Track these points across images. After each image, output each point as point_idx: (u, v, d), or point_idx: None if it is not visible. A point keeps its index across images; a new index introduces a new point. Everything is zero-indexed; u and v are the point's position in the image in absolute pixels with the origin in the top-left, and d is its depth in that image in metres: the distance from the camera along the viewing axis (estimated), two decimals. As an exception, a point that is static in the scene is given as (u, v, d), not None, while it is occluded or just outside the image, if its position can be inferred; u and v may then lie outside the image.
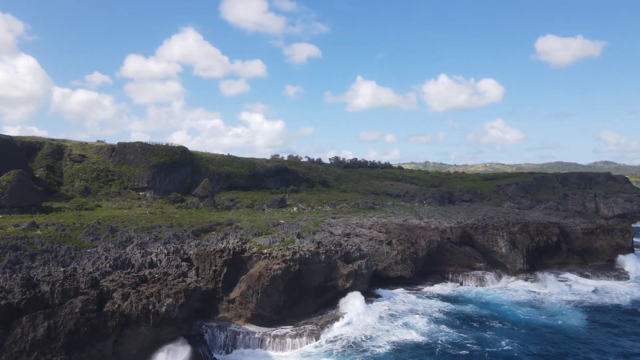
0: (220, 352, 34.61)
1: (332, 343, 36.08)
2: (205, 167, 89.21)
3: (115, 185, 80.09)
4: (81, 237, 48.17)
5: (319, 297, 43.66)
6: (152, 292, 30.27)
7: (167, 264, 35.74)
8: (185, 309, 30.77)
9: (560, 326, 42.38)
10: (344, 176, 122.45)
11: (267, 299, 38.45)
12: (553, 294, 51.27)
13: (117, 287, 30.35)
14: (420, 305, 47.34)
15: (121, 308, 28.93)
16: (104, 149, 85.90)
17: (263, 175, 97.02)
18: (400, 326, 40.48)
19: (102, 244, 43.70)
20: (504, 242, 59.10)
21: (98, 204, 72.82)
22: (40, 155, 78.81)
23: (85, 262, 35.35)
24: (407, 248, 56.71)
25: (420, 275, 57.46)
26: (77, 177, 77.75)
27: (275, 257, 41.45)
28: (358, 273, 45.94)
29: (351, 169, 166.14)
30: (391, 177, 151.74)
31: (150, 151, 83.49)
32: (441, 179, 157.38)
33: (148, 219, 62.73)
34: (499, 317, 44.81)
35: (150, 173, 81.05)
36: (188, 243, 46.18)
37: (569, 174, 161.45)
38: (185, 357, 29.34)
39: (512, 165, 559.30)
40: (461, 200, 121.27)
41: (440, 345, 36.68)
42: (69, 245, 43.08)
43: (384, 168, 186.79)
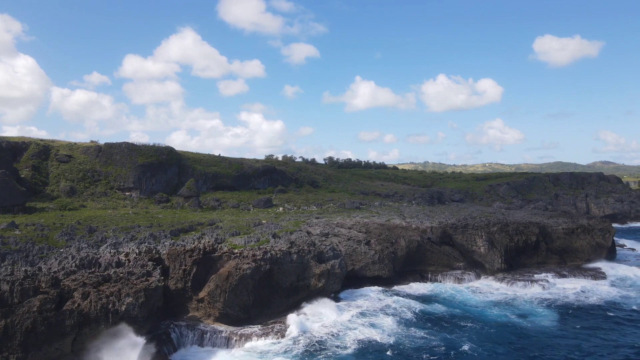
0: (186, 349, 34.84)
1: (296, 342, 36.30)
2: (192, 168, 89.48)
3: (102, 186, 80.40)
4: (57, 237, 48.51)
5: (291, 297, 43.92)
6: (113, 291, 30.60)
7: (133, 264, 36.02)
8: (145, 308, 31.08)
9: (531, 326, 42.58)
10: (334, 176, 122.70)
11: (236, 298, 38.73)
12: (528, 294, 51.52)
13: (78, 287, 30.66)
14: (394, 305, 47.49)
15: (80, 307, 29.26)
16: (91, 149, 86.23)
17: (251, 175, 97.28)
18: (369, 325, 40.72)
19: (76, 244, 44.00)
20: (483, 241, 59.33)
21: (83, 204, 73.16)
22: (26, 155, 79.13)
23: (52, 262, 35.66)
24: (385, 248, 56.99)
25: (400, 274, 57.80)
26: (63, 177, 78.07)
27: (246, 256, 41.74)
28: (331, 273, 46.23)
29: (344, 169, 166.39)
30: (384, 178, 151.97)
31: (137, 151, 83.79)
32: (434, 179, 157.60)
33: (130, 219, 63.05)
34: (471, 317, 45.04)
35: (136, 173, 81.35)
36: (162, 243, 46.45)
37: (561, 174, 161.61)
38: (138, 354, 29.53)
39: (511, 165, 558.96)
40: (451, 201, 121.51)
41: (405, 346, 36.82)
42: (42, 245, 43.41)
43: (378, 168, 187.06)
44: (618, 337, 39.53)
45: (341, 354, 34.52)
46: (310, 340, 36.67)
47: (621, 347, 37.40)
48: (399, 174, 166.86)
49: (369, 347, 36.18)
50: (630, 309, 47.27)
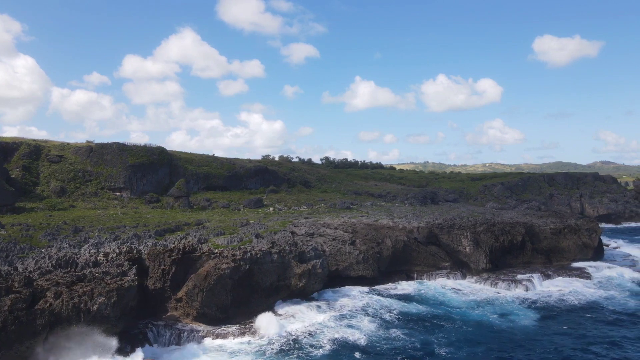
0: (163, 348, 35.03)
1: (271, 342, 36.45)
2: (183, 168, 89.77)
3: (92, 186, 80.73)
4: (41, 237, 48.80)
5: (272, 296, 44.14)
6: (85, 290, 30.84)
7: (110, 264, 36.25)
8: (118, 307, 31.31)
9: (509, 326, 42.67)
10: (327, 176, 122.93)
11: (213, 298, 38.94)
12: (510, 294, 51.63)
13: (51, 286, 30.89)
14: (376, 305, 47.64)
15: (52, 306, 29.50)
16: (82, 149, 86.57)
17: (243, 175, 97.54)
18: (347, 326, 40.84)
19: (58, 244, 44.27)
20: (468, 241, 59.46)
21: (72, 205, 73.47)
22: (16, 156, 79.49)
23: (29, 262, 35.91)
24: (371, 248, 57.17)
25: (386, 274, 57.97)
26: (54, 178, 78.41)
27: (226, 256, 41.95)
28: (312, 272, 46.44)
29: (340, 169, 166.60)
30: (379, 178, 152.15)
31: (127, 152, 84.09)
32: (429, 179, 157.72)
33: (117, 219, 63.31)
34: (451, 317, 45.13)
35: (127, 173, 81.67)
36: (145, 243, 46.66)
37: (557, 174, 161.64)
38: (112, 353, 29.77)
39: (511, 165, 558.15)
40: (445, 201, 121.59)
41: (380, 347, 36.86)
42: (24, 245, 43.69)
43: (375, 168, 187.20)
44: (594, 337, 39.60)
45: (315, 355, 34.67)
46: (286, 339, 36.85)
47: (593, 345, 37.55)
48: (395, 174, 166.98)
49: (344, 347, 36.31)
50: (611, 309, 47.33)
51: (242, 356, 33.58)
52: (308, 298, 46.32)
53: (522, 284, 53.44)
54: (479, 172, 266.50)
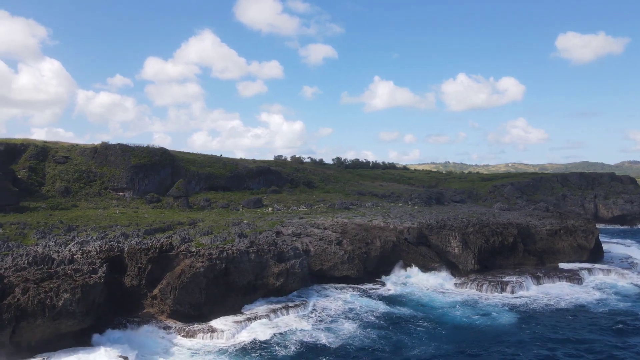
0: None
1: (237, 341, 37.00)
2: (185, 169, 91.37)
3: (96, 186, 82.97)
4: (32, 235, 50.66)
5: (249, 295, 44.82)
6: (52, 287, 32.05)
7: (83, 261, 37.50)
8: (83, 303, 32.41)
9: (486, 328, 42.40)
10: (333, 177, 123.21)
11: (187, 295, 39.82)
12: (495, 296, 51.18)
13: (21, 282, 32.21)
14: (355, 305, 47.76)
15: (19, 302, 30.77)
16: (87, 150, 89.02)
17: (245, 176, 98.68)
18: (322, 327, 41.06)
19: (44, 242, 45.88)
20: (457, 242, 59.01)
21: (75, 204, 75.66)
22: (24, 157, 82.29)
23: (8, 259, 37.43)
24: (358, 248, 57.36)
25: (373, 274, 58.05)
26: (59, 178, 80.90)
27: (202, 255, 42.84)
28: (290, 272, 46.96)
29: (351, 169, 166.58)
30: (389, 178, 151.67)
31: (130, 152, 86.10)
32: (439, 179, 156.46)
33: (113, 218, 65.04)
34: (430, 318, 44.93)
35: (129, 174, 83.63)
36: (129, 242, 47.90)
37: (570, 174, 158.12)
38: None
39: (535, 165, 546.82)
40: (452, 201, 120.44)
41: (350, 347, 37.02)
42: (12, 243, 45.45)
43: (387, 169, 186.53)
44: (567, 342, 38.92)
45: (278, 354, 35.04)
46: (254, 340, 37.34)
47: (564, 349, 37.01)
48: (405, 174, 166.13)
49: (312, 348, 36.50)
50: (597, 312, 46.43)
51: (203, 355, 34.24)
52: (286, 297, 46.75)
53: (508, 286, 52.82)
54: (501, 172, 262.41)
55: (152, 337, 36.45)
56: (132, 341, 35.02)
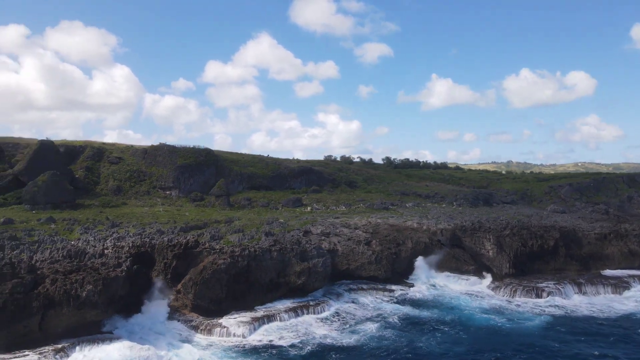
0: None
1: (253, 339, 37.78)
2: (229, 169, 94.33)
3: (145, 185, 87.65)
4: (78, 230, 54.54)
5: (270, 293, 45.65)
6: (78, 279, 34.47)
7: (112, 256, 39.95)
8: (104, 295, 34.60)
9: (513, 335, 40.61)
10: (377, 177, 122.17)
11: (207, 291, 41.27)
12: (526, 302, 48.86)
13: (51, 273, 34.90)
14: (380, 306, 47.56)
15: (48, 291, 33.39)
16: (139, 151, 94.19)
17: (287, 175, 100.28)
18: (341, 329, 41.02)
19: (85, 237, 49.28)
20: (491, 245, 56.86)
21: (125, 202, 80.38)
22: (81, 157, 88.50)
23: (46, 252, 40.62)
24: (387, 249, 56.83)
25: (403, 275, 57.21)
26: (112, 177, 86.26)
27: (225, 252, 44.27)
28: (312, 271, 47.36)
29: (400, 169, 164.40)
30: (438, 178, 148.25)
31: (177, 153, 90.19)
32: (491, 179, 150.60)
33: (155, 215, 68.52)
34: (455, 322, 43.79)
35: (175, 174, 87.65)
36: (162, 238, 50.34)
37: (638, 174, 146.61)
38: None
39: (608, 165, 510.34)
40: (502, 202, 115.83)
41: (371, 351, 36.73)
42: (56, 237, 49.21)
43: (438, 168, 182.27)
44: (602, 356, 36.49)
45: (293, 355, 35.43)
46: (269, 337, 38.07)
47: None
48: (456, 174, 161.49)
49: (330, 349, 36.40)
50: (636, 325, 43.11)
51: (217, 350, 35.33)
52: (308, 297, 47.09)
53: (544, 292, 50.22)
54: (562, 172, 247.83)
55: (172, 329, 38.14)
56: (153, 332, 36.88)
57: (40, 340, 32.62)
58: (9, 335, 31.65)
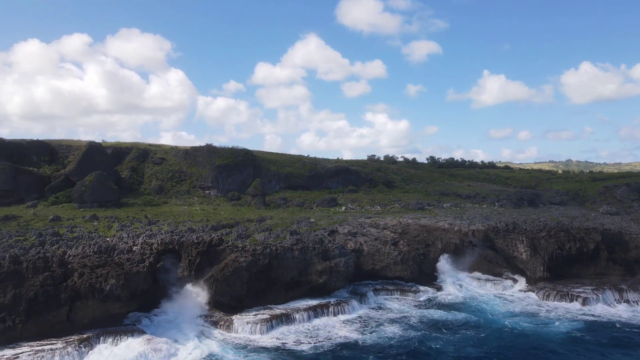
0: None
1: (271, 337, 38.35)
2: (266, 168, 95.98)
3: (186, 185, 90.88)
4: (115, 228, 57.50)
5: (292, 291, 46.16)
6: (102, 273, 36.43)
7: (138, 252, 41.87)
8: (127, 289, 36.35)
9: (540, 342, 38.87)
10: (416, 176, 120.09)
11: (228, 288, 42.37)
12: (560, 307, 46.59)
13: (80, 268, 37.09)
14: (403, 308, 47.07)
15: (75, 284, 35.54)
16: (180, 152, 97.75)
17: (324, 175, 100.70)
18: (361, 330, 40.81)
19: (119, 234, 51.90)
20: (524, 247, 54.57)
21: (166, 201, 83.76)
22: (127, 158, 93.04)
23: (79, 247, 43.18)
24: (414, 249, 56.01)
25: (431, 277, 56.16)
26: (154, 177, 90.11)
27: (247, 250, 45.25)
28: (334, 270, 47.45)
29: (444, 168, 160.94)
30: (482, 178, 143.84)
31: (216, 153, 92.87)
32: (541, 179, 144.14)
33: (191, 214, 71.01)
34: (482, 326, 42.58)
35: (214, 173, 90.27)
36: (191, 236, 52.13)
37: None
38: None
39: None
40: (550, 203, 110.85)
41: (390, 354, 36.43)
42: (94, 234, 52.15)
43: (485, 168, 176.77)
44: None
45: (310, 355, 35.67)
46: (287, 336, 38.53)
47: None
48: (503, 174, 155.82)
49: (348, 350, 36.32)
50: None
51: (234, 347, 36.17)
52: (330, 296, 47.12)
53: (579, 298, 47.67)
54: (634, 171, 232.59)
55: (192, 324, 39.45)
56: (173, 326, 38.39)
57: (68, 330, 34.76)
58: (40, 324, 33.97)
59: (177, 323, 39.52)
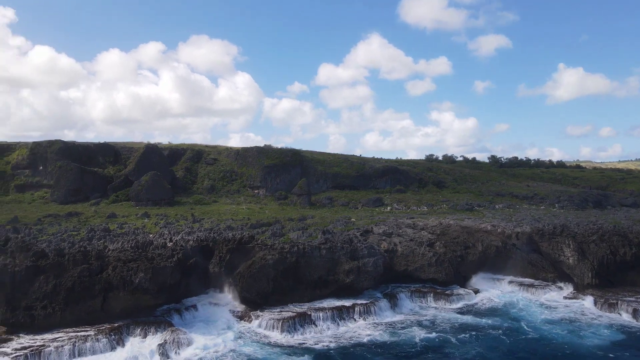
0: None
1: (293, 336, 38.91)
2: (314, 168, 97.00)
3: (236, 184, 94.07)
4: (161, 225, 60.78)
5: (318, 289, 46.42)
6: (133, 266, 38.83)
7: (173, 247, 44.10)
8: (154, 282, 38.46)
9: (578, 353, 36.42)
10: (470, 176, 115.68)
11: (254, 284, 43.49)
12: (604, 317, 43.16)
13: (114, 261, 39.78)
14: (434, 312, 46.00)
15: (109, 276, 38.19)
16: (232, 153, 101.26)
17: (371, 175, 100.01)
18: (387, 332, 40.39)
19: (162, 230, 54.87)
20: (571, 251, 51.05)
21: (215, 200, 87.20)
22: (182, 159, 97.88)
23: (118, 243, 46.23)
24: (451, 251, 54.35)
25: (468, 280, 54.15)
26: (207, 177, 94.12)
27: (275, 248, 46.20)
28: (362, 270, 47.17)
29: (506, 168, 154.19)
30: (547, 178, 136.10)
31: (264, 154, 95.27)
32: (614, 179, 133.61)
33: (236, 213, 73.40)
34: (518, 332, 40.83)
35: (262, 173, 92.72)
36: (227, 234, 54.00)
37: None
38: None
39: None
40: (620, 205, 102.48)
41: (411, 356, 35.97)
42: (138, 230, 55.54)
43: (552, 167, 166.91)
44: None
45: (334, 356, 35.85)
46: (309, 334, 39.07)
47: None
48: (571, 174, 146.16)
49: (373, 353, 36.18)
50: None
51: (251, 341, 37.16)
52: (358, 296, 46.82)
53: (629, 306, 43.88)
54: None
55: (218, 318, 40.95)
56: (199, 319, 40.12)
57: (102, 319, 37.41)
58: (76, 312, 36.87)
59: (204, 317, 41.23)
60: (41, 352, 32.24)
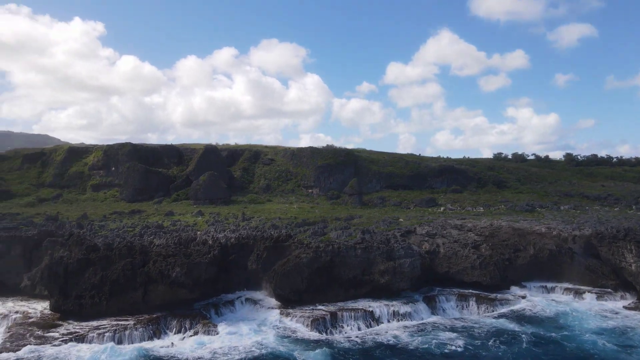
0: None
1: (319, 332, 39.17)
2: (367, 168, 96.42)
3: (291, 184, 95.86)
4: (210, 222, 63.51)
5: (353, 289, 46.21)
6: (171, 261, 41.05)
7: (212, 244, 46.00)
8: (190, 277, 40.38)
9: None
10: (535, 175, 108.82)
11: (288, 282, 44.23)
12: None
13: (155, 256, 42.29)
14: (473, 317, 44.40)
15: (150, 270, 40.69)
16: (288, 153, 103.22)
17: (427, 175, 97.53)
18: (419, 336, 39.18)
19: (208, 228, 57.37)
20: (633, 257, 46.66)
21: (270, 199, 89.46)
22: (240, 159, 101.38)
23: (163, 239, 48.97)
24: (498, 254, 51.94)
25: (517, 284, 51.38)
26: (263, 177, 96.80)
27: (310, 247, 46.70)
28: (398, 271, 46.35)
29: (583, 167, 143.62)
30: (630, 178, 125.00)
31: (318, 154, 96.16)
32: None
33: (286, 212, 74.85)
34: (555, 340, 38.10)
35: (316, 173, 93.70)
36: (269, 232, 55.32)
37: None
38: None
39: None
40: None
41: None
42: (188, 227, 58.47)
43: (638, 165, 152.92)
44: None
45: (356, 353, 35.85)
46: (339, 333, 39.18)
47: None
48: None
49: (399, 356, 35.69)
50: None
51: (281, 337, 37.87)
52: (394, 298, 45.94)
53: (697, 320, 39.38)
54: None
55: (250, 313, 42.23)
56: (232, 313, 41.59)
57: (142, 310, 39.94)
58: (120, 303, 39.67)
59: (239, 312, 42.74)
60: (84, 338, 35.06)
